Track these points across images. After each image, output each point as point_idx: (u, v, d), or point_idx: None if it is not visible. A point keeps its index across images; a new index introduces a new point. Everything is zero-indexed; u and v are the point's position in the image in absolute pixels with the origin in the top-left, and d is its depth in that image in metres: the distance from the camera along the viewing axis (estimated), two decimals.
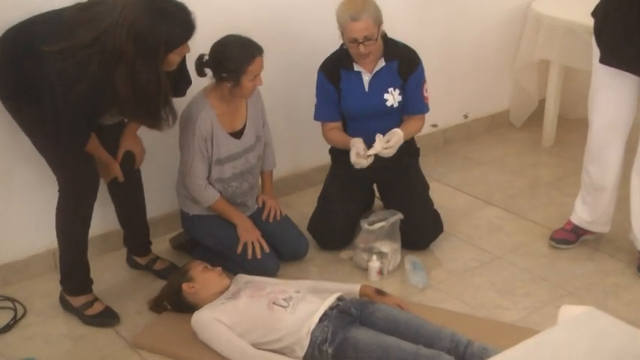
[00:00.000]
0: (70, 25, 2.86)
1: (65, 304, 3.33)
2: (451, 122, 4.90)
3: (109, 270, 3.64)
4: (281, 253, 3.63)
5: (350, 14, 3.38)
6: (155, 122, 3.04)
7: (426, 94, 3.67)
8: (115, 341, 3.20)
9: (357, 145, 3.49)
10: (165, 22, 2.83)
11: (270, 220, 3.68)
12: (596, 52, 3.37)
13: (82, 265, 3.29)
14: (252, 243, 3.51)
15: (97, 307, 3.29)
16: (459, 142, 4.90)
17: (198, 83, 3.41)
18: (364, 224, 3.60)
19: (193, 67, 3.32)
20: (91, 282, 3.34)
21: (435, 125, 4.80)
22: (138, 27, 2.79)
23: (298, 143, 4.22)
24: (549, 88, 4.71)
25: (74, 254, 3.26)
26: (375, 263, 3.51)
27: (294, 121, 4.15)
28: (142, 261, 3.63)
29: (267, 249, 3.54)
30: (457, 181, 4.45)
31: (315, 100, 3.67)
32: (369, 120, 3.62)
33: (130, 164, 3.38)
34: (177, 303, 3.27)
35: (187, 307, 3.20)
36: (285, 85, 4.05)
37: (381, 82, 3.57)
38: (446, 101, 4.78)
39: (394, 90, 3.59)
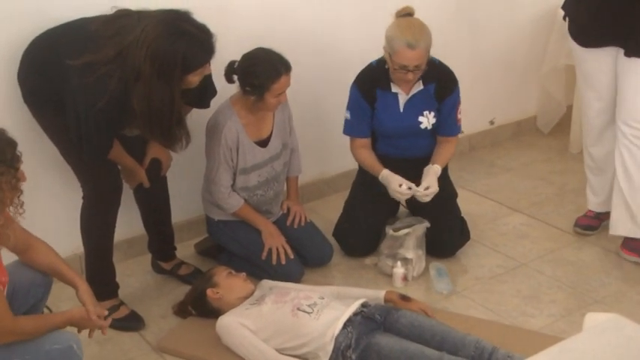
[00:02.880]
0: (94, 39, 2.89)
1: None
2: (477, 128, 4.88)
3: (134, 275, 3.66)
4: (305, 259, 3.64)
5: (407, 41, 3.31)
6: (168, 142, 3.08)
7: (459, 116, 3.64)
8: (140, 345, 3.22)
9: (392, 182, 3.46)
10: (183, 43, 2.84)
11: (295, 225, 3.69)
12: (574, 46, 3.59)
13: (108, 270, 3.32)
14: (277, 249, 3.53)
15: (122, 311, 3.31)
16: (484, 149, 4.89)
17: (227, 91, 3.42)
18: (389, 230, 3.60)
19: (220, 73, 3.33)
20: (116, 286, 3.37)
21: (461, 132, 4.78)
22: (156, 47, 2.81)
23: (324, 149, 4.23)
24: (577, 93, 4.69)
25: (99, 259, 3.29)
26: (399, 269, 3.50)
27: (319, 126, 4.16)
28: (166, 266, 3.65)
29: (291, 255, 3.54)
30: (483, 187, 4.43)
31: (347, 114, 3.62)
32: (401, 138, 3.62)
33: (157, 171, 3.41)
34: (201, 308, 3.28)
35: (212, 312, 3.22)
36: (312, 89, 4.06)
37: (416, 105, 3.55)
38: (472, 107, 4.76)
39: (429, 113, 3.57)
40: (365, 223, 3.68)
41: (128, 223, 3.59)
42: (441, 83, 3.53)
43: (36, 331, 2.53)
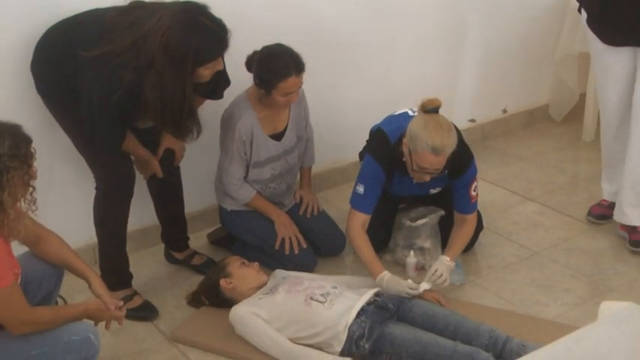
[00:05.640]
0: (108, 30, 2.89)
1: None
2: (489, 117, 4.86)
3: (147, 265, 3.67)
4: (318, 249, 3.64)
5: (433, 146, 3.05)
6: (179, 133, 3.07)
7: (473, 194, 3.40)
8: (153, 335, 3.23)
9: (398, 285, 3.20)
10: (197, 35, 2.83)
11: (308, 215, 3.70)
12: (592, 38, 3.53)
13: (122, 260, 3.34)
14: (290, 238, 3.53)
15: (136, 301, 3.32)
16: (497, 137, 4.87)
17: (245, 81, 3.41)
18: (405, 221, 3.58)
19: (235, 63, 3.31)
20: (130, 276, 3.38)
21: (472, 120, 4.77)
22: (169, 36, 2.81)
23: (337, 137, 4.22)
24: (590, 81, 4.66)
25: (113, 249, 3.30)
26: (412, 259, 3.50)
27: (333, 114, 4.15)
28: (179, 256, 3.66)
29: (304, 244, 3.55)
30: (495, 176, 4.42)
31: (359, 187, 3.35)
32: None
33: (170, 161, 3.42)
34: (214, 298, 3.29)
35: (225, 302, 3.22)
36: (326, 78, 4.04)
37: (429, 182, 3.35)
38: (484, 96, 4.76)
39: (440, 187, 3.47)
40: (378, 218, 3.60)
41: (141, 214, 3.60)
42: (454, 168, 3.29)
43: (53, 321, 2.55)
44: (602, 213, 3.88)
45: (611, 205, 3.84)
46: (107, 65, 2.84)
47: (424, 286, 3.20)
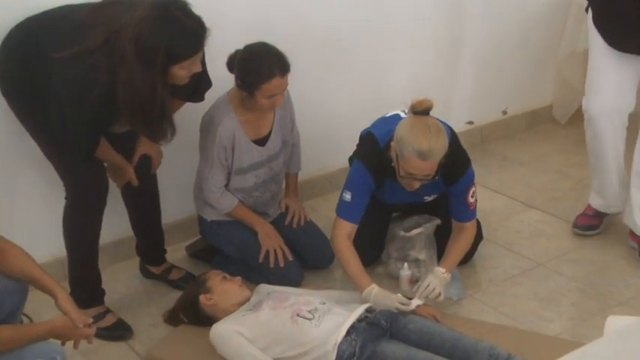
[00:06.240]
0: (81, 28, 2.88)
1: None
2: (489, 119, 4.88)
3: (121, 280, 3.66)
4: (305, 261, 3.64)
5: (420, 150, 3.04)
6: (153, 134, 3.07)
7: (471, 200, 3.38)
8: (128, 356, 3.22)
9: (387, 300, 3.19)
10: (169, 29, 2.82)
11: (294, 225, 3.70)
12: (594, 38, 3.53)
13: (93, 275, 3.32)
14: (275, 250, 3.53)
15: (108, 320, 3.31)
16: (497, 141, 4.88)
17: (227, 82, 3.41)
18: (399, 231, 3.58)
19: (216, 62, 3.31)
20: (102, 293, 3.37)
21: (470, 122, 4.78)
22: (140, 28, 2.79)
23: (325, 142, 4.22)
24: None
25: (84, 263, 3.29)
26: (406, 272, 3.49)
27: (321, 118, 4.16)
28: (156, 270, 3.65)
29: (290, 257, 3.55)
30: (495, 182, 4.42)
31: (346, 195, 3.34)
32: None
33: (146, 168, 3.41)
34: (193, 315, 3.28)
35: (205, 320, 3.21)
36: (313, 80, 4.05)
37: (424, 189, 3.35)
38: (483, 96, 4.77)
39: (435, 194, 3.48)
40: (369, 227, 3.58)
41: (115, 225, 3.58)
42: (448, 174, 3.28)
43: (15, 341, 2.52)
44: (589, 223, 3.85)
45: (598, 215, 3.83)
46: (79, 66, 2.83)
47: (416, 302, 3.19)
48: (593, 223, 3.86)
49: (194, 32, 2.88)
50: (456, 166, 3.29)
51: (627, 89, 3.55)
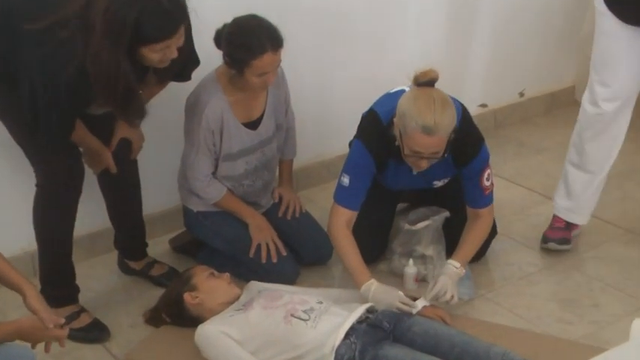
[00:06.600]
0: None
1: None
2: (504, 101, 4.88)
3: (97, 276, 3.66)
4: (301, 256, 3.64)
5: (424, 125, 3.02)
6: (124, 114, 3.07)
7: (487, 183, 3.36)
8: (104, 359, 3.21)
9: (387, 299, 3.17)
10: (142, 7, 2.78)
11: (289, 217, 3.70)
12: (605, 19, 3.49)
13: (66, 271, 3.32)
14: (267, 244, 3.53)
15: (83, 320, 3.31)
16: (513, 125, 4.89)
17: (209, 63, 3.39)
18: (404, 224, 3.58)
19: (203, 36, 3.29)
20: (76, 290, 3.37)
21: (484, 105, 4.77)
22: (111, 1, 2.76)
23: (323, 126, 4.23)
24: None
25: (56, 258, 3.28)
26: (411, 269, 3.49)
27: (319, 99, 4.16)
28: (136, 266, 3.65)
29: (284, 251, 3.55)
30: (511, 171, 4.43)
31: (344, 179, 3.33)
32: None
33: (126, 154, 3.40)
34: (177, 315, 3.28)
35: (190, 320, 3.22)
36: (311, 59, 4.05)
37: (432, 171, 3.33)
38: (498, 76, 4.76)
39: (446, 178, 3.47)
40: (370, 219, 3.58)
41: (91, 216, 3.59)
42: (460, 154, 3.27)
43: None
44: (564, 237, 3.77)
45: (569, 226, 3.77)
46: (53, 41, 2.82)
47: (422, 303, 3.18)
48: (567, 237, 3.76)
49: (169, 14, 2.84)
50: (467, 144, 3.28)
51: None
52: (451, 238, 3.59)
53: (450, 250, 3.57)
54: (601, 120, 3.57)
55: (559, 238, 3.76)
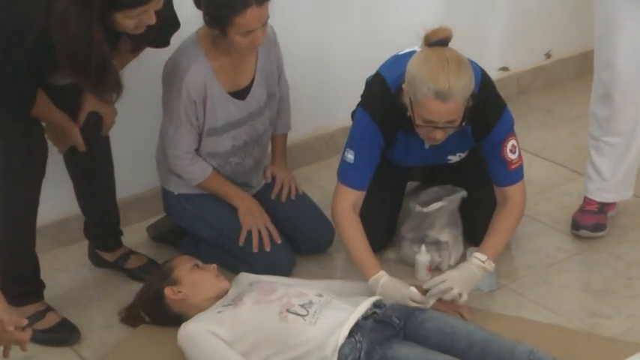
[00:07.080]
0: None
1: None
2: (527, 64, 4.90)
3: (65, 269, 3.67)
4: (297, 244, 3.65)
5: (436, 89, 3.01)
6: (96, 90, 3.07)
7: (512, 156, 3.34)
8: None
9: (397, 294, 3.18)
10: None
11: (283, 199, 3.71)
12: None
13: (29, 264, 3.32)
14: (259, 231, 3.53)
15: (49, 320, 3.31)
16: (538, 91, 4.90)
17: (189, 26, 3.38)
18: (414, 206, 3.58)
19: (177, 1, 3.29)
20: (41, 286, 3.37)
21: (505, 68, 4.77)
22: None
23: (322, 95, 4.24)
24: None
25: (17, 249, 3.28)
26: (423, 256, 3.50)
27: (316, 65, 4.16)
28: (109, 257, 3.66)
29: (278, 239, 3.56)
30: (536, 143, 4.44)
31: (349, 154, 3.34)
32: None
33: (96, 130, 3.38)
34: (157, 313, 3.29)
35: (172, 319, 3.22)
36: (307, 20, 4.06)
37: (447, 144, 3.32)
38: (521, 36, 4.75)
39: (462, 152, 3.48)
40: (377, 202, 3.58)
41: (56, 200, 3.60)
42: (478, 117, 3.24)
43: None
44: (598, 222, 3.76)
45: (602, 208, 3.77)
46: (12, 6, 2.83)
47: (433, 299, 3.18)
48: (601, 222, 3.75)
49: None
50: (487, 111, 3.27)
51: None
52: (468, 222, 3.59)
53: (468, 235, 3.57)
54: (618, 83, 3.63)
55: (592, 224, 3.74)
